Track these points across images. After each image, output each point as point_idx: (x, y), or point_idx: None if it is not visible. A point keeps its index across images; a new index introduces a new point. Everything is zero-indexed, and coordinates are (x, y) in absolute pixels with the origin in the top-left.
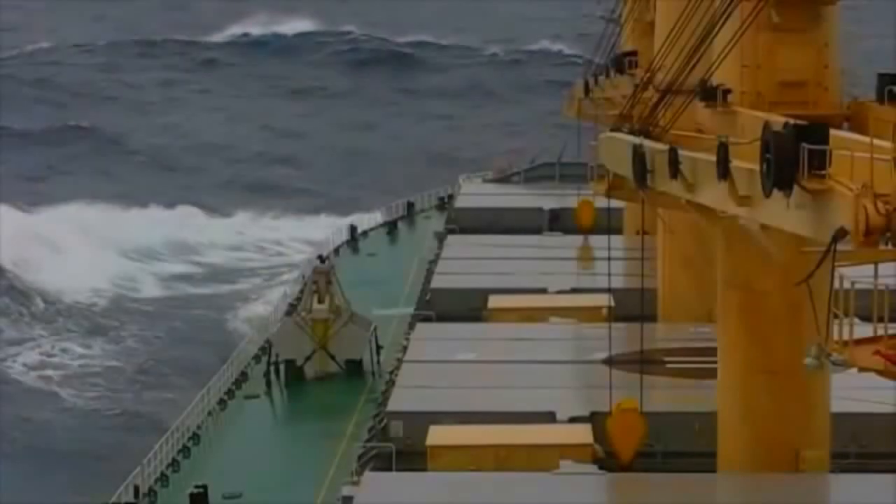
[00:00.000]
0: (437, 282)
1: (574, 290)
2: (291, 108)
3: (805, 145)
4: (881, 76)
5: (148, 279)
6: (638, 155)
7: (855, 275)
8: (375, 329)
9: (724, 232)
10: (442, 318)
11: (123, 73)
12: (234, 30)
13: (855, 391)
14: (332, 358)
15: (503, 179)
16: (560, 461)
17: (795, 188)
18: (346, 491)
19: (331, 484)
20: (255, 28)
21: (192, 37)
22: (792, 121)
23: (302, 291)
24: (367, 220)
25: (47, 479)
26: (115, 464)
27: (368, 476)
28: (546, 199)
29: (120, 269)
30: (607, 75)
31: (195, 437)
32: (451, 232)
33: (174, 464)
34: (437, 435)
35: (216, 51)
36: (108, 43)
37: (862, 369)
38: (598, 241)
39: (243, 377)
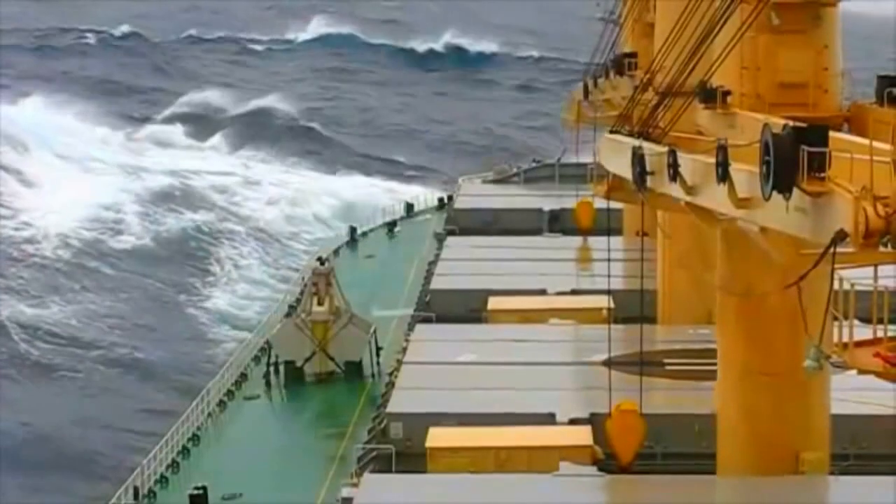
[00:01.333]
0: (437, 283)
1: (574, 292)
2: (349, 90)
3: (805, 147)
4: (881, 78)
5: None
6: (637, 157)
7: (854, 276)
8: (375, 330)
9: (723, 234)
10: (441, 320)
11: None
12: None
13: (854, 393)
14: (332, 359)
15: (503, 180)
16: (560, 463)
17: (795, 191)
18: (346, 492)
19: (330, 485)
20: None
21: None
22: (791, 123)
23: (302, 293)
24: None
25: None
26: None
27: (368, 478)
28: (545, 199)
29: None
30: (606, 77)
31: (195, 439)
32: (451, 233)
33: (174, 465)
34: (437, 436)
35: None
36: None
37: (861, 371)
38: (597, 242)
39: (243, 378)
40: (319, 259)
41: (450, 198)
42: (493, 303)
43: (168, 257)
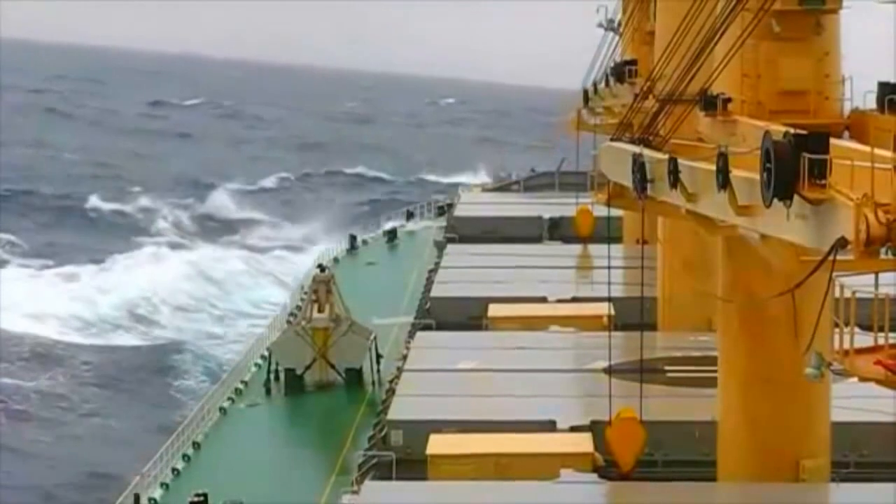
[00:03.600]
0: (437, 290)
1: (574, 299)
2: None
3: (805, 155)
4: (881, 85)
5: None
6: (638, 164)
7: (855, 283)
8: (375, 338)
9: (724, 241)
10: (442, 327)
11: None
12: None
13: (855, 400)
14: (332, 366)
15: (502, 188)
16: (560, 470)
17: (796, 198)
18: (347, 500)
19: (331, 492)
20: None
21: None
22: (792, 130)
23: (302, 300)
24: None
25: None
26: None
27: (368, 485)
28: (545, 207)
29: None
30: (606, 84)
31: (196, 445)
32: (451, 241)
33: (175, 472)
34: (438, 443)
35: None
36: None
37: (862, 379)
38: (597, 249)
39: (244, 386)
40: (320, 266)
41: (450, 206)
42: (494, 310)
43: None
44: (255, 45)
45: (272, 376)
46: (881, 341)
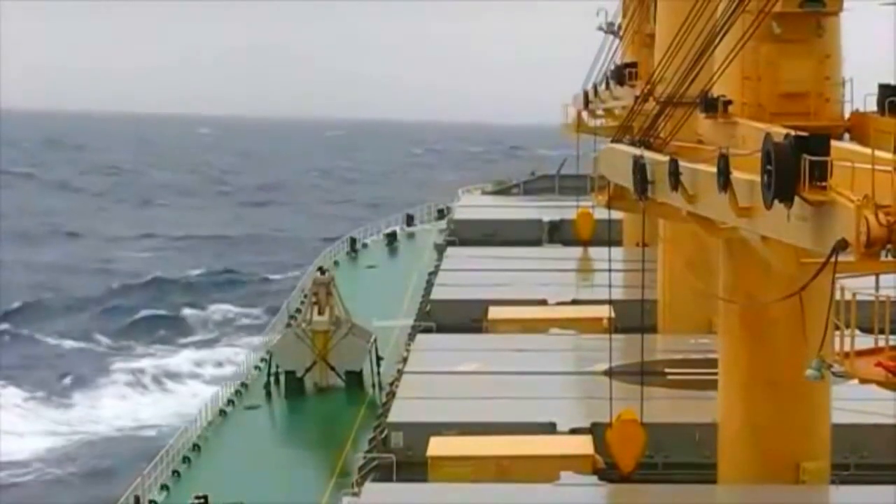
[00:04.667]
0: (437, 293)
1: (574, 302)
2: None
3: (806, 156)
4: (882, 87)
5: None
6: (639, 166)
7: (856, 286)
8: (375, 340)
9: (724, 243)
10: (442, 330)
11: None
12: None
13: (855, 402)
14: (332, 369)
15: (502, 191)
16: (561, 472)
17: (796, 199)
18: (347, 501)
19: (331, 494)
20: None
21: None
22: (793, 132)
23: (302, 303)
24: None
25: None
26: None
27: (369, 487)
28: (545, 210)
29: None
30: (607, 86)
31: (196, 448)
32: (451, 243)
33: (175, 474)
34: (438, 446)
35: None
36: None
37: (863, 381)
38: (597, 252)
39: (244, 388)
40: (320, 269)
41: (450, 209)
42: (494, 313)
43: None
44: (229, 101)
45: (272, 379)
46: (882, 343)
